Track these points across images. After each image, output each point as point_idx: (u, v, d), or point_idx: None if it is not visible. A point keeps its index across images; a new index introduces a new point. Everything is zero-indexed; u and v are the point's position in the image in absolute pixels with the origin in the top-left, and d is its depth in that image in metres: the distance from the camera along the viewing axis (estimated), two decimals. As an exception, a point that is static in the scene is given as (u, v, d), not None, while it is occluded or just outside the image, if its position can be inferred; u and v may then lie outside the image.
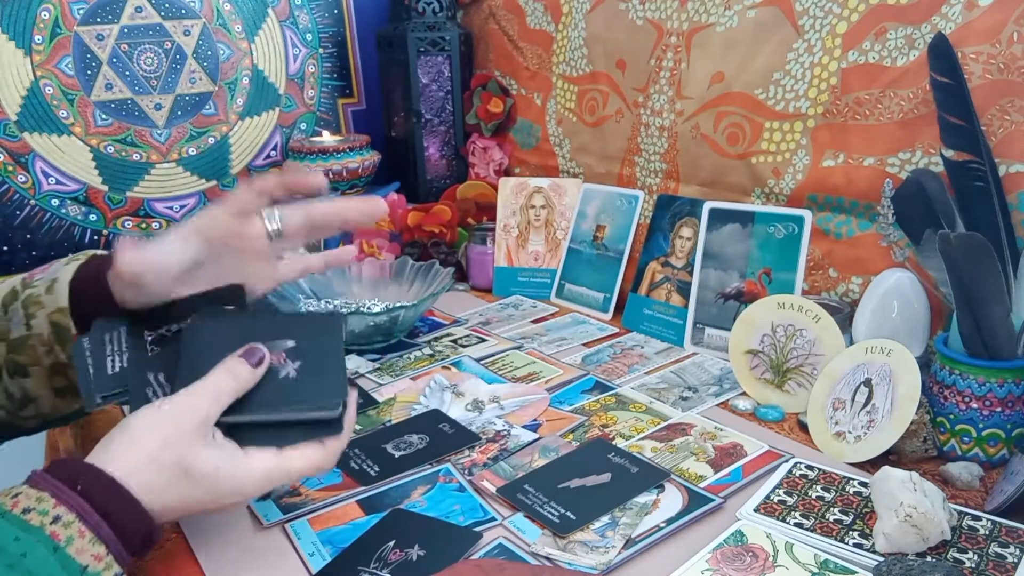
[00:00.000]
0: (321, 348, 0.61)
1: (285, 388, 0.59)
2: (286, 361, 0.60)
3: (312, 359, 0.60)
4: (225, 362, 0.57)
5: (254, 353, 0.58)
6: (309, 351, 0.60)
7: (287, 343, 0.60)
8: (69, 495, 0.48)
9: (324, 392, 0.59)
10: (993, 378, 0.73)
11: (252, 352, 0.58)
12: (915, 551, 0.61)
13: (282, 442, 0.57)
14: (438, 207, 1.36)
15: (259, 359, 0.58)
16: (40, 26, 1.26)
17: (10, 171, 1.29)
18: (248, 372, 0.57)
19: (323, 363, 0.60)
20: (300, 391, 0.59)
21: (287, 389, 0.59)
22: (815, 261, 0.98)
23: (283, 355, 0.60)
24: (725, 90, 1.06)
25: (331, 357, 0.61)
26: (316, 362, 0.60)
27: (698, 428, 0.83)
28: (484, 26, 1.51)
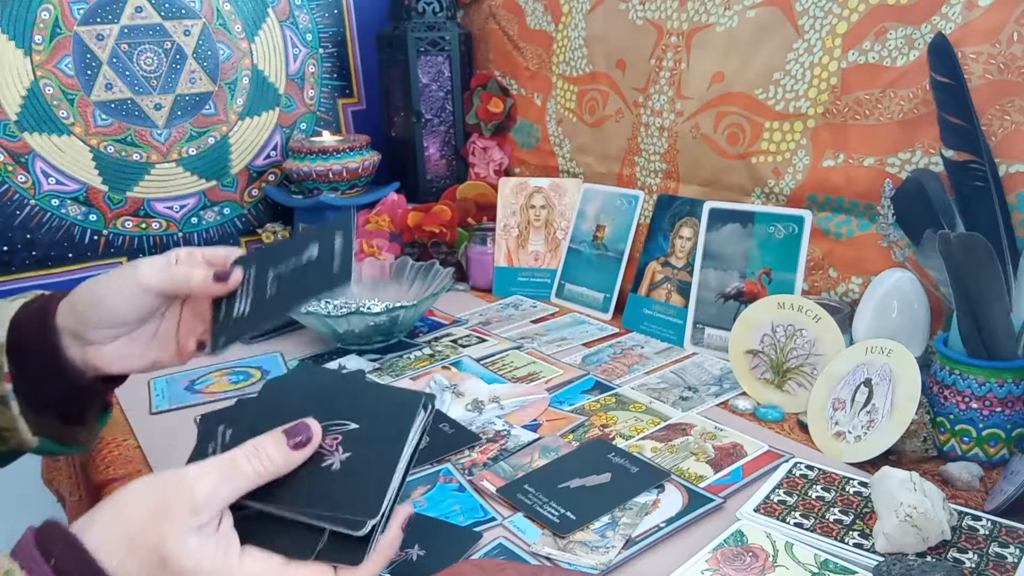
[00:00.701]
0: (383, 442, 0.50)
1: (322, 483, 0.49)
2: (337, 448, 0.50)
3: (367, 453, 0.50)
4: (259, 438, 0.49)
5: (299, 432, 0.50)
6: (369, 442, 0.50)
7: (349, 425, 0.51)
8: (41, 569, 0.44)
9: (359, 502, 0.48)
10: (993, 378, 0.73)
11: (297, 430, 0.50)
12: (915, 551, 0.61)
13: (296, 551, 0.48)
14: (438, 207, 1.36)
15: (302, 441, 0.49)
16: (40, 26, 1.26)
17: (10, 171, 1.29)
18: (281, 455, 0.49)
19: (376, 463, 0.50)
20: (335, 492, 0.48)
21: (323, 485, 0.49)
22: (815, 261, 0.98)
23: (339, 439, 0.50)
24: (725, 90, 1.06)
25: (387, 457, 0.50)
26: (369, 459, 0.50)
27: (698, 428, 0.83)
28: (484, 26, 1.51)
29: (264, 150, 1.50)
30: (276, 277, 0.63)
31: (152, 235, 1.42)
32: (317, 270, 0.62)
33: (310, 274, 0.63)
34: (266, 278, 0.63)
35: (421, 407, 0.52)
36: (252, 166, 1.49)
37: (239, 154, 1.47)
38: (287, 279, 0.63)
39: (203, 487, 0.46)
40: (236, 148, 1.47)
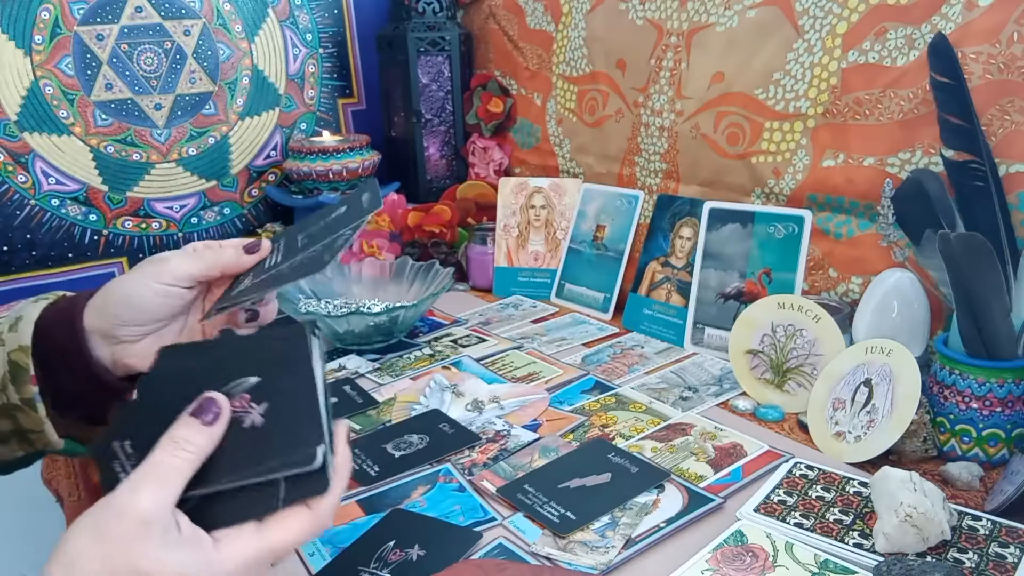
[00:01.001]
0: (291, 378, 0.50)
1: (253, 441, 0.48)
2: (251, 405, 0.49)
3: (281, 396, 0.49)
4: (171, 430, 0.47)
5: (207, 408, 0.48)
6: (277, 386, 0.49)
7: (250, 381, 0.49)
8: None
9: (298, 440, 0.48)
10: (993, 378, 0.73)
11: (205, 407, 0.48)
12: (915, 551, 0.61)
13: (262, 510, 0.47)
14: (438, 207, 1.36)
15: (214, 415, 0.48)
16: (40, 26, 1.26)
17: (10, 171, 1.29)
18: (201, 436, 0.47)
19: (294, 400, 0.49)
20: (270, 443, 0.48)
21: (255, 442, 0.48)
22: (815, 261, 0.98)
23: (247, 398, 0.49)
24: (725, 90, 1.06)
25: (302, 390, 0.49)
26: (286, 399, 0.49)
27: (698, 428, 0.83)
28: (484, 26, 1.51)
29: (264, 150, 1.50)
30: (307, 235, 0.64)
31: (152, 235, 1.42)
32: (347, 214, 0.63)
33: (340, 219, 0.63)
34: (296, 240, 0.64)
35: (310, 333, 0.51)
36: (252, 166, 1.49)
37: (239, 154, 1.47)
38: (315, 233, 0.63)
39: (143, 501, 0.44)
40: (236, 148, 1.47)
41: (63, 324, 0.61)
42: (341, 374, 1.01)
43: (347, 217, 0.64)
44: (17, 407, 0.60)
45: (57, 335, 0.60)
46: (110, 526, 0.44)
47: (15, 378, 0.60)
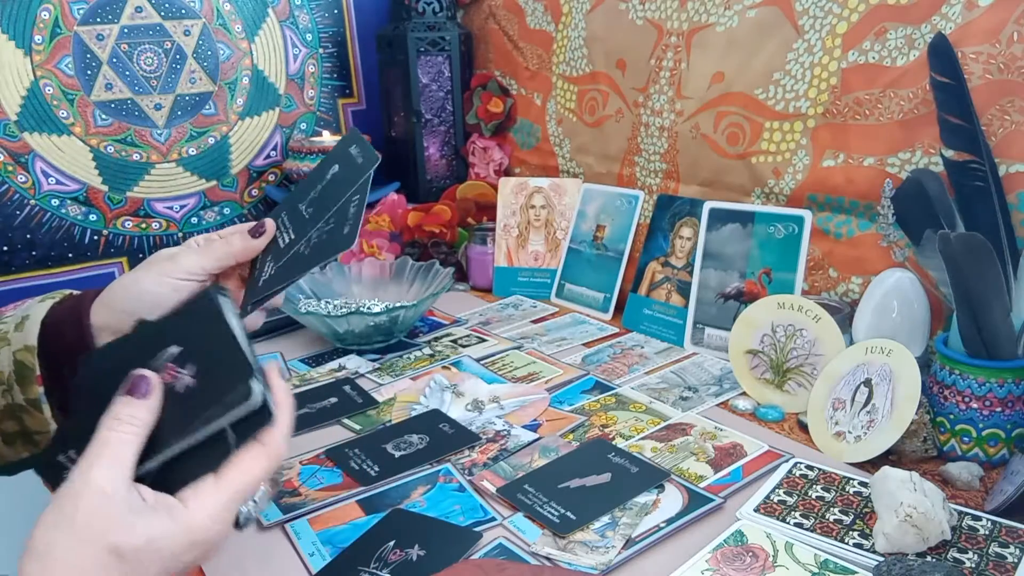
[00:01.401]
0: (208, 337, 0.51)
1: (190, 401, 0.49)
2: (179, 371, 0.50)
3: (204, 354, 0.51)
4: (110, 410, 0.48)
5: (138, 384, 0.49)
6: (197, 347, 0.51)
7: (171, 351, 0.51)
8: None
9: (230, 383, 0.49)
10: (993, 378, 0.73)
11: (136, 384, 0.49)
12: (915, 551, 0.61)
13: (218, 460, 0.48)
14: (438, 207, 1.36)
15: (147, 387, 0.49)
16: (40, 26, 1.26)
17: (10, 171, 1.29)
18: (141, 409, 0.48)
19: (217, 353, 0.51)
20: (206, 396, 0.49)
21: (192, 401, 0.49)
22: (815, 261, 0.98)
23: (173, 367, 0.50)
24: (725, 90, 1.06)
25: (222, 341, 0.51)
26: (210, 355, 0.51)
27: (698, 428, 0.83)
28: (484, 26, 1.51)
29: (264, 150, 1.50)
30: (309, 202, 0.65)
31: (152, 235, 1.42)
32: (344, 173, 0.64)
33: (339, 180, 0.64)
34: (299, 211, 0.65)
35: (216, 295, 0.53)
36: (252, 166, 1.49)
37: (239, 154, 1.47)
38: (318, 199, 0.65)
39: (98, 476, 0.45)
40: (236, 148, 1.47)
41: (70, 323, 0.61)
42: (341, 374, 1.01)
43: (345, 177, 0.64)
44: (23, 408, 0.60)
45: (64, 334, 0.60)
46: (72, 508, 0.44)
47: (21, 378, 0.60)
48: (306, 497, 0.73)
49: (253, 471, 0.49)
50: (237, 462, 0.48)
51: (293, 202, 0.67)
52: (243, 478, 0.48)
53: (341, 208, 0.62)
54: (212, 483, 0.48)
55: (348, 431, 0.87)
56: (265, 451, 0.49)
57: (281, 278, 0.62)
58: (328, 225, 0.62)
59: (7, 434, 0.62)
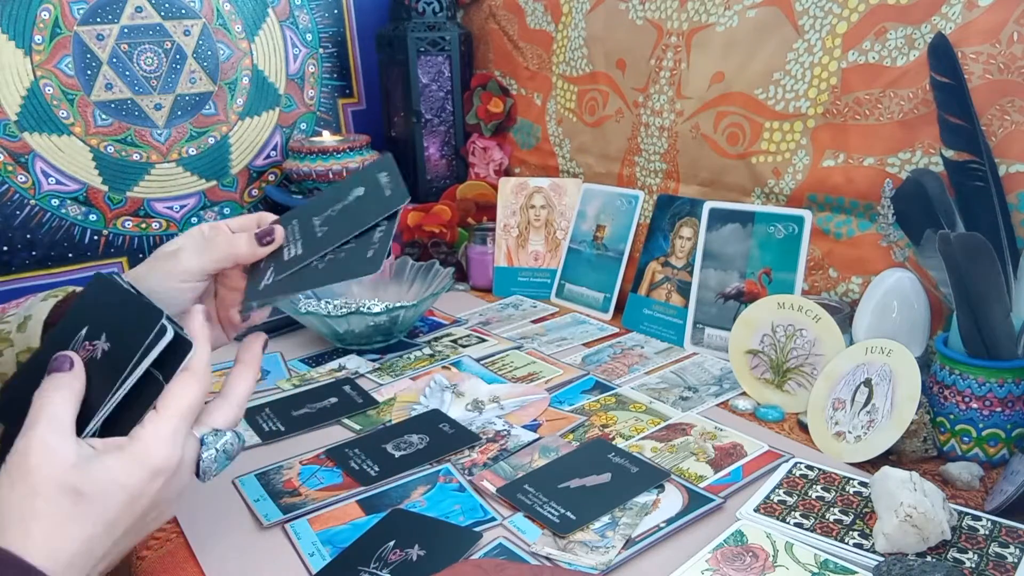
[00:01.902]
0: (110, 306, 0.55)
1: (111, 361, 0.52)
2: (93, 346, 0.53)
3: (112, 321, 0.54)
4: (41, 386, 0.50)
5: (59, 361, 0.51)
6: (103, 319, 0.54)
7: (80, 333, 0.54)
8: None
9: (141, 327, 0.51)
10: (993, 378, 0.73)
11: (56, 363, 0.51)
12: (915, 551, 0.61)
13: (153, 393, 0.51)
14: (438, 207, 1.36)
15: (68, 363, 0.51)
16: (40, 26, 1.26)
17: (10, 171, 1.29)
18: (67, 377, 0.50)
19: (122, 314, 0.54)
20: (124, 350, 0.52)
21: (113, 359, 0.52)
22: (815, 261, 0.98)
23: (86, 344, 0.53)
24: (725, 90, 1.06)
25: (123, 304, 0.54)
26: (117, 319, 0.54)
27: (698, 428, 0.83)
28: (484, 26, 1.51)
29: (264, 150, 1.50)
30: (325, 220, 0.66)
31: (152, 235, 1.42)
32: (369, 201, 0.65)
33: (363, 206, 0.65)
34: (312, 225, 0.66)
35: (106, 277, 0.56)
36: (252, 166, 1.49)
37: (239, 154, 1.47)
38: (336, 219, 0.65)
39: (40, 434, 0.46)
40: (236, 148, 1.47)
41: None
42: (341, 374, 1.01)
43: (370, 206, 0.64)
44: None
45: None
46: (22, 466, 0.45)
47: None
48: (306, 497, 0.73)
49: (187, 393, 0.51)
50: (169, 389, 0.51)
51: (307, 214, 0.67)
52: (180, 401, 0.50)
53: (364, 234, 0.62)
54: (153, 414, 0.50)
55: (348, 431, 0.87)
56: (193, 375, 0.52)
57: (286, 288, 0.62)
58: (347, 246, 0.63)
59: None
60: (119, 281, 0.56)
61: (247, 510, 0.72)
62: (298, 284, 0.62)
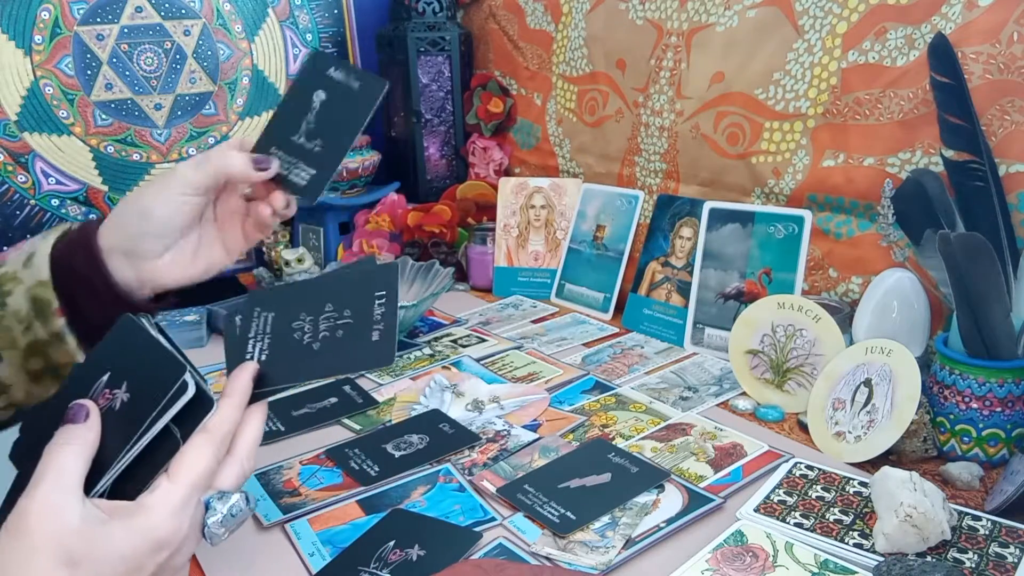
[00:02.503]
0: (134, 354, 0.52)
1: (129, 414, 0.50)
2: (113, 392, 0.51)
3: (135, 370, 0.51)
4: (54, 439, 0.48)
5: (75, 411, 0.49)
6: (126, 366, 0.52)
7: (102, 379, 0.52)
8: None
9: (162, 384, 0.49)
10: (993, 378, 0.73)
11: (73, 412, 0.49)
12: (915, 551, 0.61)
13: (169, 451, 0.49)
14: (438, 207, 1.36)
15: (85, 412, 0.49)
16: (40, 26, 1.26)
17: (10, 171, 1.29)
18: (81, 430, 0.48)
19: (146, 364, 0.51)
20: (143, 404, 0.49)
21: (131, 413, 0.50)
22: (815, 261, 0.98)
23: (105, 392, 0.51)
24: (725, 90, 1.06)
25: (147, 353, 0.52)
26: (139, 368, 0.51)
27: (698, 428, 0.83)
28: (484, 26, 1.51)
29: (264, 150, 1.50)
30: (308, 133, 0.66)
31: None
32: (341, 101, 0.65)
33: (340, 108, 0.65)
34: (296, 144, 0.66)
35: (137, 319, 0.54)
36: (252, 166, 1.49)
37: (239, 154, 1.47)
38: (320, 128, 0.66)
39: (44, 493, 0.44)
40: (236, 148, 1.46)
41: (80, 250, 0.61)
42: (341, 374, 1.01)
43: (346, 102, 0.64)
44: (46, 343, 0.61)
45: (76, 264, 0.60)
46: (21, 525, 0.44)
47: (39, 313, 0.60)
48: (306, 497, 0.73)
49: (201, 459, 0.48)
50: (184, 453, 0.48)
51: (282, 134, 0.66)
52: (193, 469, 0.48)
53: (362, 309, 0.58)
54: (165, 480, 0.47)
55: (348, 431, 0.87)
56: (208, 437, 0.49)
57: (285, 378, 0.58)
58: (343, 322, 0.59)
59: (34, 372, 0.62)
60: (145, 325, 0.54)
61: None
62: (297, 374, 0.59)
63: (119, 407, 0.50)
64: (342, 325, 0.58)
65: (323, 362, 0.57)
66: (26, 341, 0.61)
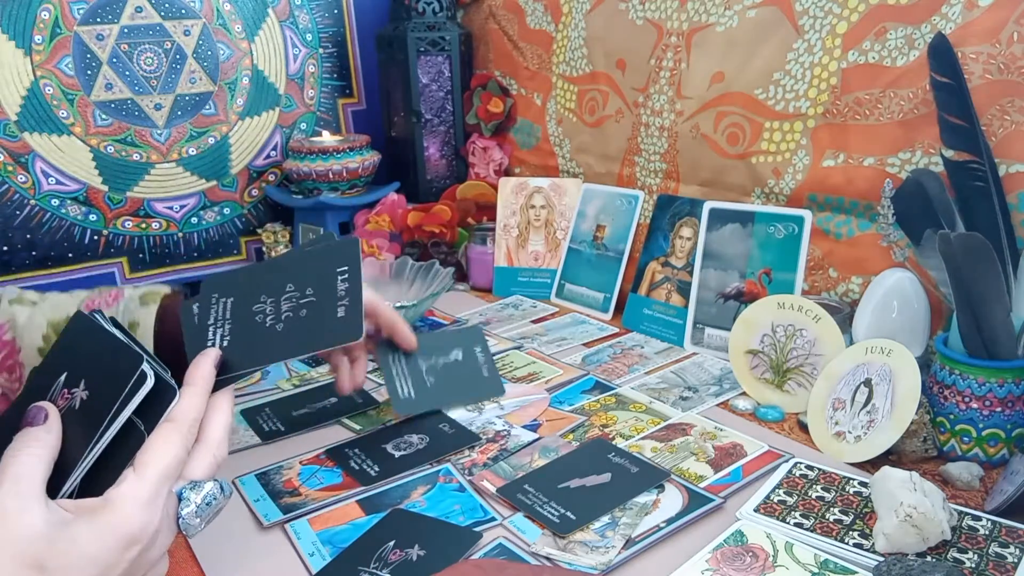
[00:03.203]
0: (91, 351, 0.51)
1: (90, 411, 0.48)
2: (71, 392, 0.49)
3: (92, 367, 0.50)
4: (12, 444, 0.46)
5: (33, 414, 0.48)
6: (83, 364, 0.50)
7: (59, 379, 0.50)
8: None
9: (120, 376, 0.48)
10: (993, 378, 0.73)
11: (31, 416, 0.48)
12: (915, 551, 0.61)
13: (134, 446, 0.47)
14: (438, 207, 1.36)
15: (41, 415, 0.48)
16: (40, 26, 1.26)
17: (10, 171, 1.29)
18: (41, 432, 0.47)
19: (103, 359, 0.50)
20: (103, 399, 0.48)
21: (92, 409, 0.48)
22: (815, 261, 0.98)
23: (65, 391, 0.50)
24: (725, 90, 1.06)
25: (103, 348, 0.50)
26: (97, 365, 0.50)
27: (698, 428, 0.83)
28: (484, 26, 1.51)
29: (264, 150, 1.50)
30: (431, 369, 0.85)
31: (152, 235, 1.42)
32: (471, 371, 0.87)
33: (465, 373, 0.86)
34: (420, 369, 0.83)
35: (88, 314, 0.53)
36: (252, 166, 1.49)
37: (239, 154, 1.47)
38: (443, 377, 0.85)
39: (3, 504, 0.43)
40: (236, 148, 1.47)
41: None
42: (341, 374, 1.01)
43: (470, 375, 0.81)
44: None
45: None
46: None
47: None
48: (306, 497, 0.73)
49: (168, 449, 0.47)
50: (149, 444, 0.47)
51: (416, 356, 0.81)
52: (160, 459, 0.47)
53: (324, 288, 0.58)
54: (131, 474, 0.46)
55: (348, 431, 0.87)
56: (174, 426, 0.48)
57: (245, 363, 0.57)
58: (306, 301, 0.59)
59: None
60: (99, 320, 0.52)
61: (247, 510, 0.72)
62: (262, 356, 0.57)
63: (79, 405, 0.49)
64: (305, 304, 0.57)
65: (288, 342, 0.56)
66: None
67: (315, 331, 0.56)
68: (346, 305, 0.56)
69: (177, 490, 0.49)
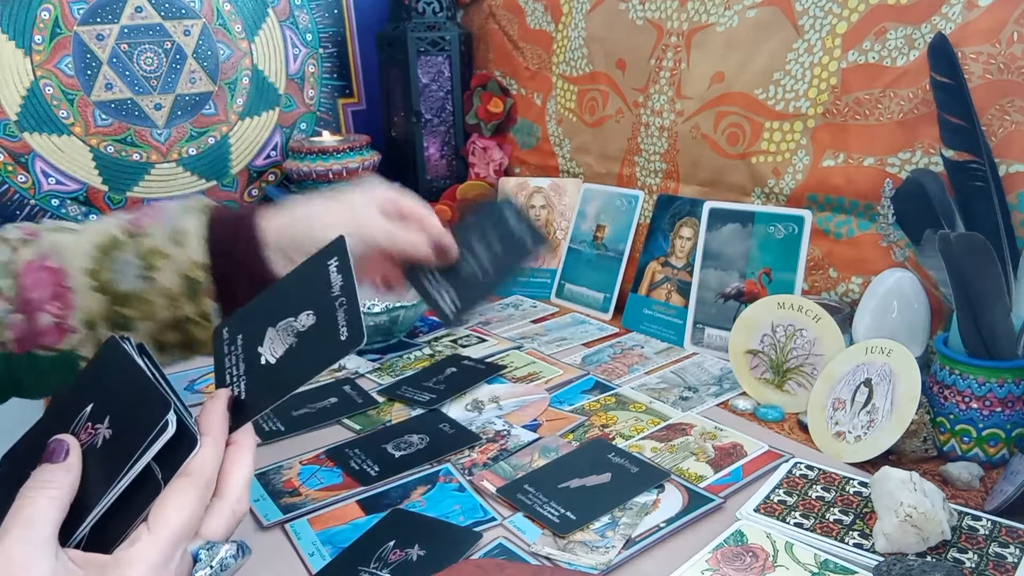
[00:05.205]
0: (120, 385, 0.49)
1: (111, 453, 0.46)
2: (95, 428, 0.47)
3: (119, 403, 0.48)
4: (29, 480, 0.44)
5: (55, 449, 0.45)
6: (111, 398, 0.48)
7: (86, 409, 0.48)
8: None
9: (145, 421, 0.46)
10: (993, 378, 0.73)
11: (52, 450, 0.45)
12: (915, 551, 0.61)
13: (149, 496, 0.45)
14: (438, 207, 1.36)
15: (65, 451, 0.45)
16: (40, 26, 1.26)
17: (10, 171, 1.29)
18: (60, 472, 0.44)
19: (130, 397, 0.48)
20: (124, 442, 0.46)
21: (113, 452, 0.46)
22: (815, 261, 0.98)
23: (89, 425, 0.47)
24: (725, 90, 1.06)
25: (132, 385, 0.48)
26: (124, 402, 0.48)
27: (698, 428, 0.83)
28: (484, 26, 1.51)
29: (264, 150, 1.50)
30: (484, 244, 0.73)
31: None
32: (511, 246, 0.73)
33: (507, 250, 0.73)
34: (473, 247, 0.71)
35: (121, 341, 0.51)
36: (252, 166, 1.49)
37: (239, 154, 1.47)
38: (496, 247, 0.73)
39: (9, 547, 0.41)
40: (236, 148, 1.47)
41: (242, 242, 0.62)
42: (341, 374, 1.01)
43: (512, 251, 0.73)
44: (190, 320, 0.61)
45: (237, 253, 0.62)
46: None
47: (191, 293, 0.61)
48: (306, 497, 0.73)
49: (184, 505, 0.44)
50: (165, 499, 0.44)
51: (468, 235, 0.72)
52: (174, 517, 0.44)
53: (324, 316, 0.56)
54: (144, 530, 0.44)
55: (348, 431, 0.87)
56: (190, 481, 0.45)
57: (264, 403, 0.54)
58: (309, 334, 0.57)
59: (167, 343, 0.62)
60: (129, 351, 0.50)
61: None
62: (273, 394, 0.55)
63: (100, 445, 0.46)
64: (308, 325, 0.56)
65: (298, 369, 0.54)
66: (169, 316, 0.61)
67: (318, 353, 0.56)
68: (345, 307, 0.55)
69: (193, 551, 0.46)
